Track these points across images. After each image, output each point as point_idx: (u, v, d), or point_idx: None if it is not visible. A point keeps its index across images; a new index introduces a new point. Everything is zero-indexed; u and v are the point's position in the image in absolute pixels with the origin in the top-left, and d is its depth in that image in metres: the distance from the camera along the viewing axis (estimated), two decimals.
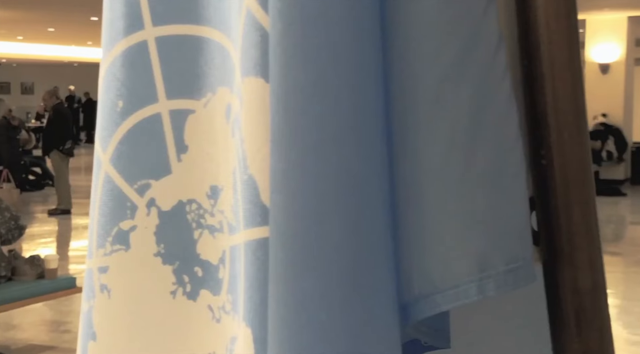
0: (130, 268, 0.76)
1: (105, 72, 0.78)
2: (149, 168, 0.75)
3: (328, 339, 0.56)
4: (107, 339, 0.76)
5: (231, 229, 0.71)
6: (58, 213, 9.00)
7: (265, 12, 0.61)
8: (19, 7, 10.95)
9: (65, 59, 20.01)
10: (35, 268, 4.27)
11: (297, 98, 0.57)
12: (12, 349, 4.28)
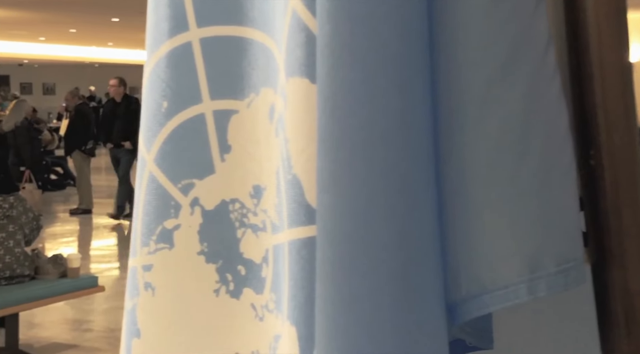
0: (174, 266, 0.76)
1: (150, 73, 0.78)
2: (193, 168, 0.76)
3: (377, 339, 0.56)
4: (151, 336, 0.77)
5: (274, 228, 0.71)
6: (79, 213, 9.07)
7: (311, 13, 0.62)
8: (41, 8, 11.06)
9: (86, 60, 20.18)
10: (58, 267, 4.30)
11: (346, 99, 0.57)
12: (34, 348, 4.31)
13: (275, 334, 0.70)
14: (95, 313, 5.19)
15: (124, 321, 0.79)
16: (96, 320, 5.03)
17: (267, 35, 0.72)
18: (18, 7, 10.92)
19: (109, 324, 4.85)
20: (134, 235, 0.79)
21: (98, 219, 8.90)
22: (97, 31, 14.67)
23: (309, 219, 0.62)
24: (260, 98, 0.74)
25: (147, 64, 0.79)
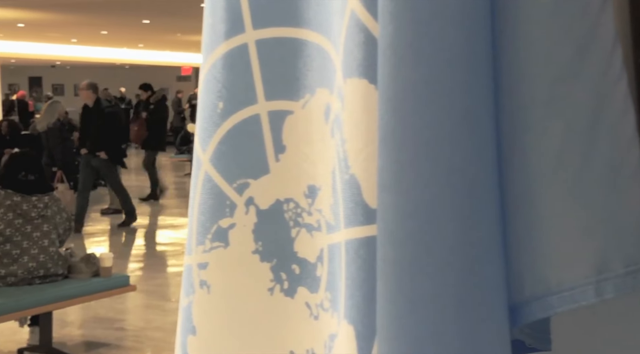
0: (229, 264, 0.77)
1: (206, 74, 0.80)
2: (248, 168, 0.77)
3: (440, 339, 0.56)
4: (206, 333, 0.78)
5: (329, 228, 0.71)
6: (110, 213, 9.16)
7: (371, 14, 0.62)
8: (73, 10, 11.20)
9: (117, 61, 20.42)
10: (91, 267, 4.35)
11: (409, 98, 0.58)
12: (67, 346, 4.37)
13: (330, 333, 0.71)
14: (126, 312, 5.24)
15: (179, 318, 0.80)
16: (128, 319, 5.07)
17: (323, 36, 0.73)
18: (51, 9, 11.08)
19: (139, 323, 4.89)
20: (189, 234, 0.80)
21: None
22: (128, 33, 14.82)
23: (367, 219, 0.62)
24: (315, 99, 0.74)
25: (203, 66, 0.80)
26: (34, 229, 4.05)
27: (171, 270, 6.47)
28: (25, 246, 4.03)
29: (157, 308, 5.26)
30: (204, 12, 0.80)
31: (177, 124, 20.26)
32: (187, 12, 11.47)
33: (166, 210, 9.78)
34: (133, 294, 4.82)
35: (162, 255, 7.05)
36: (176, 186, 12.74)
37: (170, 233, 8.20)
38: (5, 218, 3.99)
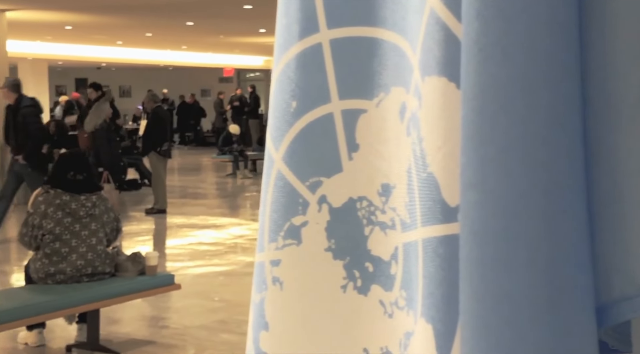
0: (302, 262, 0.78)
1: (279, 74, 0.81)
2: (321, 166, 0.78)
3: (526, 339, 0.56)
4: (279, 329, 0.79)
5: (405, 226, 0.72)
6: (154, 213, 9.28)
7: (451, 11, 0.62)
8: (119, 13, 11.40)
9: (161, 63, 20.70)
10: (137, 265, 4.41)
11: (495, 96, 0.57)
12: (114, 343, 4.44)
13: (406, 331, 0.71)
14: (171, 310, 5.30)
15: (251, 314, 0.81)
16: (172, 317, 5.13)
17: (398, 34, 0.73)
18: (98, 12, 11.29)
19: (184, 322, 4.94)
20: (260, 231, 0.81)
21: (172, 219, 9.10)
22: (172, 35, 15.01)
23: (446, 217, 0.62)
24: (390, 98, 0.75)
25: (277, 65, 0.81)
26: (82, 228, 4.13)
27: (214, 269, 6.53)
28: (74, 245, 4.11)
29: (201, 307, 5.31)
30: (278, 13, 0.81)
31: (219, 125, 20.47)
32: (230, 14, 11.57)
33: (208, 210, 9.89)
34: (177, 292, 4.87)
35: (205, 254, 7.12)
36: (217, 186, 12.86)
37: (212, 232, 8.28)
38: (54, 217, 4.08)
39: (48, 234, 4.07)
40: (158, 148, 9.04)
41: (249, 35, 14.90)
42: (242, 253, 7.23)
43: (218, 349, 4.42)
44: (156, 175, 9.29)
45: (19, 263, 6.27)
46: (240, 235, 8.15)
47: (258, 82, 23.88)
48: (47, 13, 11.29)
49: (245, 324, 4.56)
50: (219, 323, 4.89)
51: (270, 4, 5.94)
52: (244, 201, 11.27)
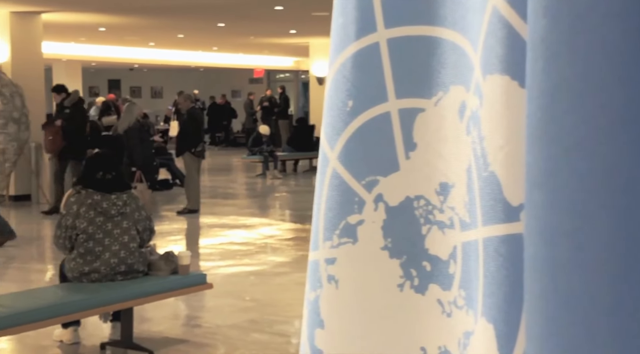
0: (358, 260, 0.78)
1: (335, 73, 0.81)
2: (377, 165, 0.78)
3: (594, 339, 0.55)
4: (335, 327, 0.79)
5: (464, 225, 0.72)
6: (186, 213, 9.35)
7: (514, 9, 0.62)
8: (152, 14, 11.51)
9: (192, 64, 20.86)
10: (170, 264, 4.44)
11: (564, 94, 0.57)
12: (147, 341, 4.47)
13: (465, 330, 0.71)
14: (203, 309, 5.33)
15: (306, 311, 0.81)
16: (204, 316, 5.16)
17: (458, 33, 0.73)
18: (132, 13, 11.41)
19: (216, 321, 4.97)
20: (315, 229, 0.82)
21: (203, 218, 9.16)
22: (203, 36, 15.12)
23: (508, 216, 0.62)
24: (449, 97, 0.75)
25: (332, 65, 0.82)
26: (114, 226, 4.17)
27: (245, 269, 6.56)
28: (107, 243, 4.15)
29: (232, 306, 5.34)
30: (334, 12, 0.82)
31: (249, 126, 20.57)
32: (261, 15, 11.62)
33: (239, 210, 9.94)
34: (208, 292, 4.90)
35: (236, 254, 7.15)
36: (247, 187, 12.93)
37: (243, 232, 8.32)
38: (87, 216, 4.13)
39: (82, 234, 4.12)
40: (193, 148, 9.10)
41: (279, 36, 14.95)
42: (272, 253, 7.25)
43: (249, 348, 4.43)
44: (189, 176, 9.36)
45: (53, 261, 6.37)
46: (270, 235, 8.18)
47: (288, 82, 23.95)
48: (81, 15, 11.44)
49: (276, 324, 4.59)
50: (250, 322, 4.91)
51: (300, 6, 5.97)
52: (273, 202, 11.31)
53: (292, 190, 12.25)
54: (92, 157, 4.53)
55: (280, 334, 4.72)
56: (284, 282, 6.04)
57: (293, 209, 10.36)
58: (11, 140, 9.92)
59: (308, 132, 14.55)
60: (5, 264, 6.76)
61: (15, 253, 7.24)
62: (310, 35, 14.61)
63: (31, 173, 10.25)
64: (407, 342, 0.76)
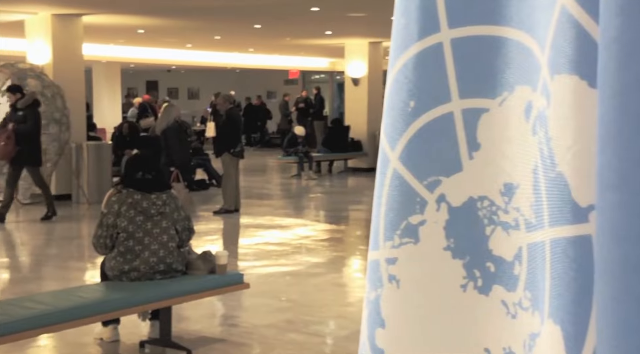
0: (419, 260, 0.78)
1: (396, 74, 0.81)
2: (440, 165, 0.77)
3: None
4: (396, 327, 0.79)
5: (529, 226, 0.71)
6: (222, 213, 9.41)
7: (584, 9, 0.61)
8: (190, 16, 11.63)
9: (228, 66, 21.00)
10: (207, 264, 4.47)
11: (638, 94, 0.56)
12: (185, 340, 4.52)
13: (531, 332, 0.70)
14: (239, 309, 5.37)
15: (366, 311, 0.82)
16: (241, 316, 5.20)
17: (524, 33, 0.73)
18: (170, 15, 11.54)
19: (252, 320, 5.00)
20: (374, 229, 0.82)
21: (240, 219, 9.22)
22: (240, 38, 15.21)
23: (576, 217, 0.61)
24: (514, 96, 0.74)
25: (393, 66, 0.82)
26: (153, 225, 4.23)
27: (280, 269, 6.59)
28: (147, 242, 4.21)
29: (268, 306, 5.36)
30: (395, 13, 0.82)
31: (284, 127, 20.65)
32: (297, 16, 11.65)
33: (274, 211, 9.98)
34: (245, 291, 4.94)
35: (272, 254, 7.18)
36: (283, 187, 12.97)
37: (278, 233, 8.36)
38: (127, 215, 4.19)
39: (122, 232, 4.19)
40: (232, 149, 9.15)
41: (314, 37, 14.97)
42: (308, 254, 7.26)
43: (286, 348, 4.45)
44: (227, 176, 9.41)
45: (92, 260, 6.47)
46: (306, 236, 8.20)
47: (323, 83, 23.96)
48: (120, 17, 11.61)
49: (311, 325, 4.59)
50: (286, 322, 4.93)
51: (336, 7, 5.95)
52: (308, 203, 11.33)
53: (327, 191, 12.26)
54: (132, 157, 4.60)
55: (316, 335, 4.73)
56: (319, 283, 6.05)
57: (328, 210, 10.36)
58: (52, 140, 10.12)
59: (343, 133, 14.54)
60: (46, 262, 6.89)
61: (55, 252, 7.38)
62: (345, 36, 14.60)
63: (71, 172, 10.42)
64: (471, 343, 0.75)
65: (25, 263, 7.02)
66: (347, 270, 6.86)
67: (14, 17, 10.90)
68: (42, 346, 4.50)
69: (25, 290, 5.99)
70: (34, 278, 6.42)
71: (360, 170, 14.49)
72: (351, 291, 5.99)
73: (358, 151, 14.59)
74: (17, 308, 3.72)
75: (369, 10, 10.91)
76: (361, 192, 12.20)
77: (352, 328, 4.80)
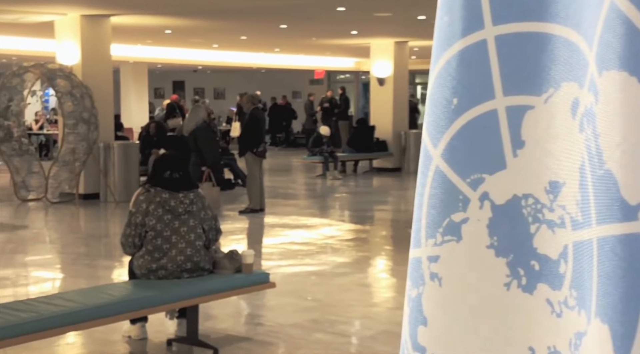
0: (462, 258, 0.78)
1: (439, 71, 0.81)
2: (483, 163, 0.77)
3: None
4: (438, 325, 0.79)
5: (576, 224, 0.70)
6: (248, 212, 9.45)
7: (634, 5, 0.61)
8: (217, 17, 11.69)
9: (254, 66, 21.08)
10: (234, 263, 4.49)
11: None
12: (211, 339, 4.54)
13: (577, 331, 0.70)
14: (265, 308, 5.39)
15: (407, 308, 0.82)
16: (267, 315, 5.22)
17: (571, 29, 0.72)
18: (197, 16, 11.62)
19: (278, 320, 5.02)
20: (416, 227, 0.82)
21: (265, 218, 9.25)
22: (266, 38, 15.26)
23: (625, 215, 0.61)
24: (560, 93, 0.73)
25: (436, 63, 0.81)
26: (181, 224, 4.26)
27: (306, 269, 6.60)
28: (174, 241, 4.24)
29: (294, 305, 5.38)
30: (438, 11, 0.82)
31: (309, 126, 20.67)
32: (324, 16, 11.66)
33: (299, 211, 10.00)
34: (270, 291, 4.95)
35: (297, 254, 7.20)
36: (308, 187, 12.99)
37: (304, 232, 8.37)
38: (155, 214, 4.23)
39: (150, 231, 4.22)
40: (255, 149, 9.19)
41: (340, 37, 14.97)
42: (333, 254, 7.27)
43: (312, 348, 4.46)
44: (251, 176, 9.44)
45: (120, 258, 6.53)
46: (331, 236, 8.20)
47: (348, 83, 23.95)
48: (148, 18, 11.71)
49: (337, 325, 4.59)
50: (312, 322, 4.93)
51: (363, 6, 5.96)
52: (333, 202, 11.33)
53: (352, 191, 12.25)
54: (160, 157, 4.64)
55: (342, 335, 4.73)
56: (345, 283, 6.05)
57: (353, 210, 10.36)
58: (81, 140, 10.24)
59: (368, 133, 14.52)
60: (75, 260, 6.97)
61: (84, 251, 7.47)
62: (371, 36, 14.57)
63: (99, 172, 10.54)
64: (515, 341, 0.75)
65: (55, 261, 7.11)
66: (373, 270, 6.85)
67: (44, 18, 11.05)
68: (71, 343, 4.55)
69: (55, 287, 6.08)
70: (63, 276, 6.51)
71: (386, 170, 14.45)
72: (376, 291, 5.99)
73: (383, 151, 14.56)
74: (47, 305, 3.77)
75: (395, 9, 10.88)
76: (386, 192, 12.17)
77: (378, 328, 4.79)
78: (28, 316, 3.60)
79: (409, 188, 12.83)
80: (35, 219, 9.43)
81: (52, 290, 5.88)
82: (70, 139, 10.21)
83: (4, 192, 11.29)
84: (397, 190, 12.42)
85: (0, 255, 7.38)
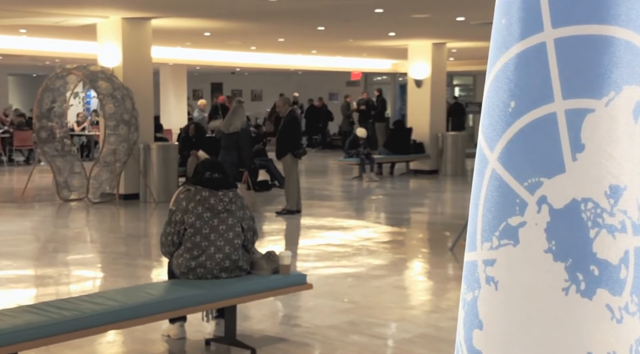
0: (519, 262, 0.77)
1: (496, 74, 0.80)
2: (541, 167, 0.76)
3: None
4: (494, 329, 0.78)
5: (637, 229, 0.70)
6: (284, 213, 9.48)
7: None
8: (255, 19, 11.77)
9: (291, 67, 21.15)
10: (271, 264, 4.52)
11: None
12: (248, 339, 4.57)
13: (637, 337, 0.70)
14: (302, 309, 5.40)
15: (462, 312, 0.82)
16: (303, 316, 5.23)
17: (634, 32, 0.72)
18: (235, 18, 11.71)
19: (315, 321, 5.03)
20: (471, 230, 0.82)
21: (302, 220, 9.28)
22: (303, 40, 15.30)
23: None
24: (621, 96, 0.73)
25: (493, 66, 0.81)
26: (220, 222, 4.31)
27: (342, 270, 6.60)
28: (213, 239, 4.29)
29: (331, 307, 5.38)
30: (496, 13, 0.81)
31: (346, 128, 20.65)
32: (361, 18, 11.65)
33: (336, 212, 10.00)
34: (307, 292, 4.97)
35: (333, 255, 7.20)
36: (344, 189, 12.98)
37: (340, 234, 8.37)
38: (195, 212, 4.28)
39: (189, 228, 4.28)
40: (295, 151, 9.22)
41: (378, 39, 14.94)
42: (369, 256, 7.26)
43: (348, 349, 4.46)
44: (289, 177, 9.47)
45: (159, 258, 6.61)
46: (367, 238, 8.19)
47: (385, 85, 23.87)
48: (188, 20, 11.84)
49: (374, 327, 4.59)
50: (348, 324, 4.94)
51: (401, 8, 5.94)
52: (369, 204, 11.31)
53: (388, 193, 12.21)
54: (201, 162, 4.72)
55: (379, 337, 4.72)
56: (381, 285, 6.04)
57: (389, 212, 10.32)
58: (122, 141, 10.40)
59: (405, 135, 14.46)
60: (115, 260, 7.08)
61: (124, 250, 7.58)
62: (409, 38, 14.51)
63: (139, 172, 10.69)
64: (573, 347, 0.74)
65: (96, 261, 7.23)
66: (409, 273, 6.82)
67: (86, 21, 11.24)
68: (111, 341, 4.62)
69: (95, 286, 6.18)
70: (103, 275, 6.61)
71: (423, 172, 14.37)
72: (413, 294, 5.96)
73: (420, 153, 14.49)
74: (89, 304, 3.84)
75: (434, 11, 10.82)
76: (423, 195, 12.10)
77: (415, 331, 4.77)
78: (70, 314, 3.67)
79: (445, 190, 12.73)
80: (77, 219, 9.60)
81: (93, 288, 5.98)
82: (111, 140, 10.37)
83: (47, 192, 11.52)
84: (434, 193, 12.35)
85: (43, 254, 7.54)
